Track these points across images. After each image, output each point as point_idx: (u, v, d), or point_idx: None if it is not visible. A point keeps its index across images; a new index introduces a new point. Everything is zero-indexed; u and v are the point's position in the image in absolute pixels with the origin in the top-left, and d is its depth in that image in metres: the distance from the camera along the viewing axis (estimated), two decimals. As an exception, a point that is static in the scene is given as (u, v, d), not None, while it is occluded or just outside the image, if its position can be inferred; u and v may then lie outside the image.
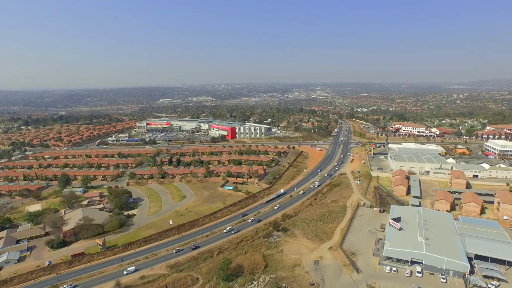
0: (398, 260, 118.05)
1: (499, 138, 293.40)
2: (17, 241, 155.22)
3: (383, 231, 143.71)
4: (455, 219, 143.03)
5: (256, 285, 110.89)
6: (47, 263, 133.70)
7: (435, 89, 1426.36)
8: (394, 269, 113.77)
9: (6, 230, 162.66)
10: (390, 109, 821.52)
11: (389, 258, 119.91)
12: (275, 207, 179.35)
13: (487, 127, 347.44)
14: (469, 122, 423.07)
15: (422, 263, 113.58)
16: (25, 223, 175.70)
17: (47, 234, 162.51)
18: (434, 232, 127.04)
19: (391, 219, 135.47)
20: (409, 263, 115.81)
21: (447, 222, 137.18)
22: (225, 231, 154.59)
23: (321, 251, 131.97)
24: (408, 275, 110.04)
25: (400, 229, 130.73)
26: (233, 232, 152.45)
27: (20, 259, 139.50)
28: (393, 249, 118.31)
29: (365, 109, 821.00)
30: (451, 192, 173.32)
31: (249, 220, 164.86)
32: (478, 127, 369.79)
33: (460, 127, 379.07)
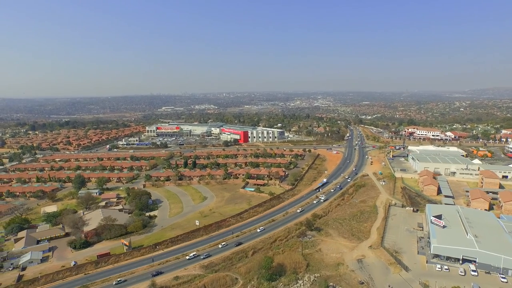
0: (448, 259, 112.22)
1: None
2: (38, 242, 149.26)
3: (422, 230, 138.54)
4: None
5: (302, 284, 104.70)
6: (72, 263, 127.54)
7: (436, 98, 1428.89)
8: (446, 267, 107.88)
9: (26, 230, 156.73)
10: (395, 116, 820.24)
11: (437, 256, 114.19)
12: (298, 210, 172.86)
13: (503, 131, 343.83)
14: (481, 126, 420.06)
15: (475, 261, 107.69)
16: (43, 224, 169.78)
17: (67, 234, 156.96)
18: (481, 230, 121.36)
19: (433, 216, 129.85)
20: (460, 261, 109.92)
21: (491, 220, 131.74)
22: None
23: (362, 250, 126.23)
24: (463, 274, 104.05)
25: (444, 226, 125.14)
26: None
27: (43, 260, 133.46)
28: (442, 247, 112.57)
29: (369, 117, 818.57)
30: (485, 192, 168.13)
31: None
32: (492, 131, 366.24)
33: (474, 131, 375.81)
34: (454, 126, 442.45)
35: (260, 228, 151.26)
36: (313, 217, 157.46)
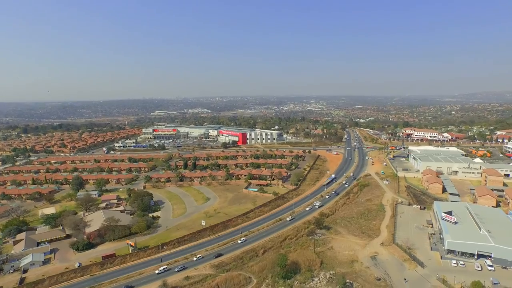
0: (463, 254, 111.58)
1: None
2: (38, 244, 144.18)
3: (432, 226, 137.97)
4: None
5: (318, 281, 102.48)
6: (77, 264, 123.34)
7: (427, 102, 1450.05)
8: (461, 262, 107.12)
9: (25, 232, 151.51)
10: (389, 119, 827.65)
11: (451, 251, 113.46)
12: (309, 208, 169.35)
13: (498, 132, 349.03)
14: (476, 128, 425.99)
15: (490, 256, 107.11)
16: (42, 226, 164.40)
17: (68, 236, 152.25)
18: (493, 225, 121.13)
19: (444, 212, 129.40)
20: (476, 257, 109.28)
21: (501, 216, 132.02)
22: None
23: (374, 247, 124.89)
24: (479, 269, 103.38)
25: (455, 222, 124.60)
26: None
27: (45, 262, 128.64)
28: (457, 242, 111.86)
29: (363, 120, 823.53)
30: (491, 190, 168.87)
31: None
32: (486, 133, 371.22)
33: (469, 132, 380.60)
34: (449, 128, 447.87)
35: (241, 239, 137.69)
36: (320, 216, 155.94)
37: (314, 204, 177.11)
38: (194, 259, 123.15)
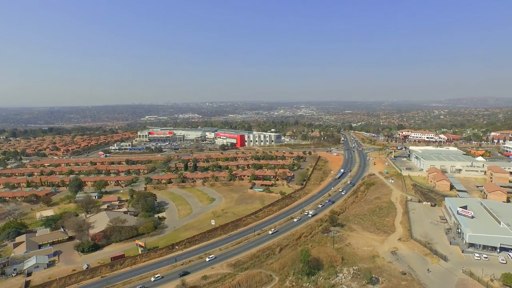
0: (484, 247, 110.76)
1: (510, 140, 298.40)
2: (39, 246, 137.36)
3: (446, 222, 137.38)
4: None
5: (343, 277, 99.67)
6: (85, 266, 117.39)
7: (416, 107, 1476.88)
8: (485, 256, 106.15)
9: (25, 235, 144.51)
10: (380, 123, 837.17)
11: (472, 245, 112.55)
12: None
13: (492, 133, 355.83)
14: (469, 130, 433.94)
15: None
16: (42, 228, 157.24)
17: (70, 238, 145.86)
18: (511, 219, 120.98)
19: (460, 207, 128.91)
20: (498, 250, 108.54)
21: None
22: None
23: (392, 242, 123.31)
24: (504, 262, 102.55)
25: (472, 217, 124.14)
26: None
27: (49, 264, 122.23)
28: (478, 235, 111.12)
29: (354, 124, 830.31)
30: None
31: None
32: (480, 134, 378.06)
33: (464, 134, 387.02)
34: (443, 130, 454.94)
35: (210, 256, 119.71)
36: (331, 214, 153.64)
37: (307, 212, 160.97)
38: (152, 279, 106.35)
